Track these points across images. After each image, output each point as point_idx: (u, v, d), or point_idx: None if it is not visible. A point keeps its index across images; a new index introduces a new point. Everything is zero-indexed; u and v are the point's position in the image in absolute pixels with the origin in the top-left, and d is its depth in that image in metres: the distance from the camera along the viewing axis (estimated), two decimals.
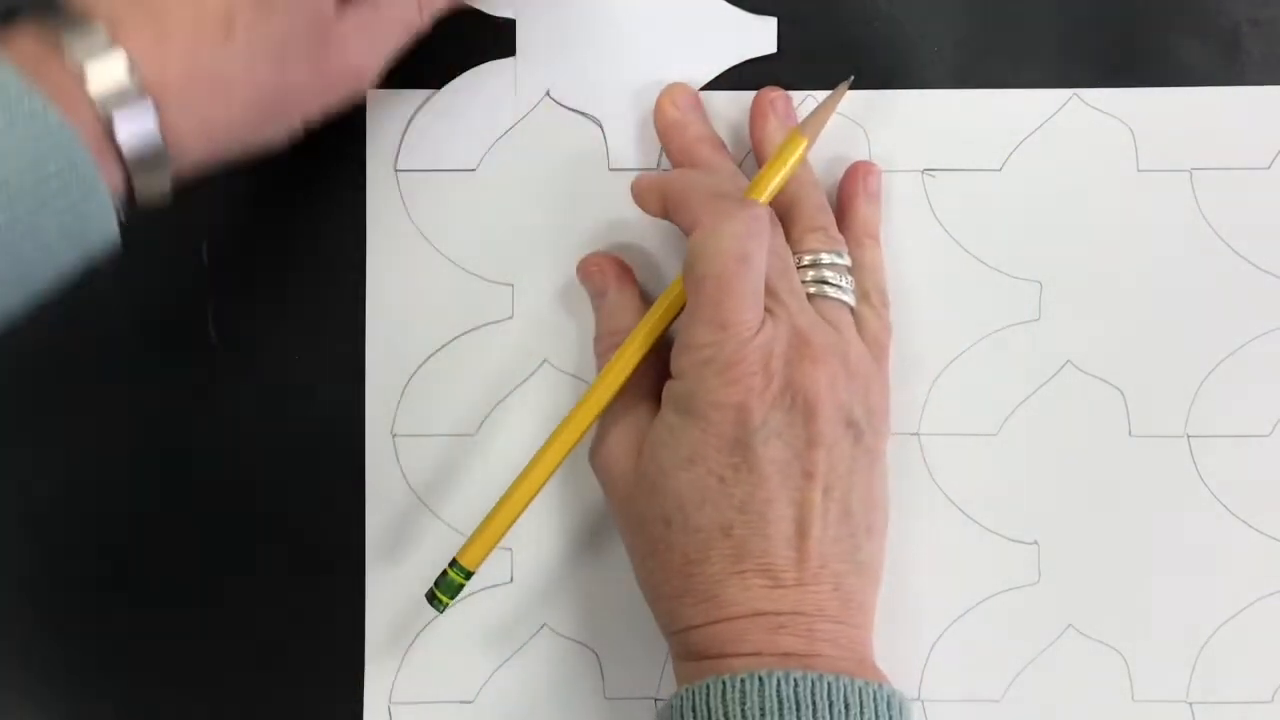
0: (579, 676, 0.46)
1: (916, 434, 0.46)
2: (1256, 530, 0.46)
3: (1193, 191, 0.46)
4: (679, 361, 0.40)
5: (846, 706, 0.38)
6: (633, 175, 0.45)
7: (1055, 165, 0.46)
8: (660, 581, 0.41)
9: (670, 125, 0.45)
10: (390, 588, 0.46)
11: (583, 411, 0.42)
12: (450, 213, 0.46)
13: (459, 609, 0.46)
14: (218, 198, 0.45)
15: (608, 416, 0.43)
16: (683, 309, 0.41)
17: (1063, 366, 0.46)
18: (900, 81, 0.46)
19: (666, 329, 0.42)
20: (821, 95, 0.46)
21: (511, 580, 0.46)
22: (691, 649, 0.40)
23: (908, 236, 0.46)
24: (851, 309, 0.43)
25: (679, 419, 0.40)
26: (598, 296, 0.45)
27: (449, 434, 0.46)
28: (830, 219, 0.44)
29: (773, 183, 0.42)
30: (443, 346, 0.46)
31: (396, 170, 0.46)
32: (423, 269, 0.46)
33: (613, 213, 0.46)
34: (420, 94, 0.46)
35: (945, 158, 0.46)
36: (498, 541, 0.42)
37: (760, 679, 0.37)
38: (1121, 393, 0.46)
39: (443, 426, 0.46)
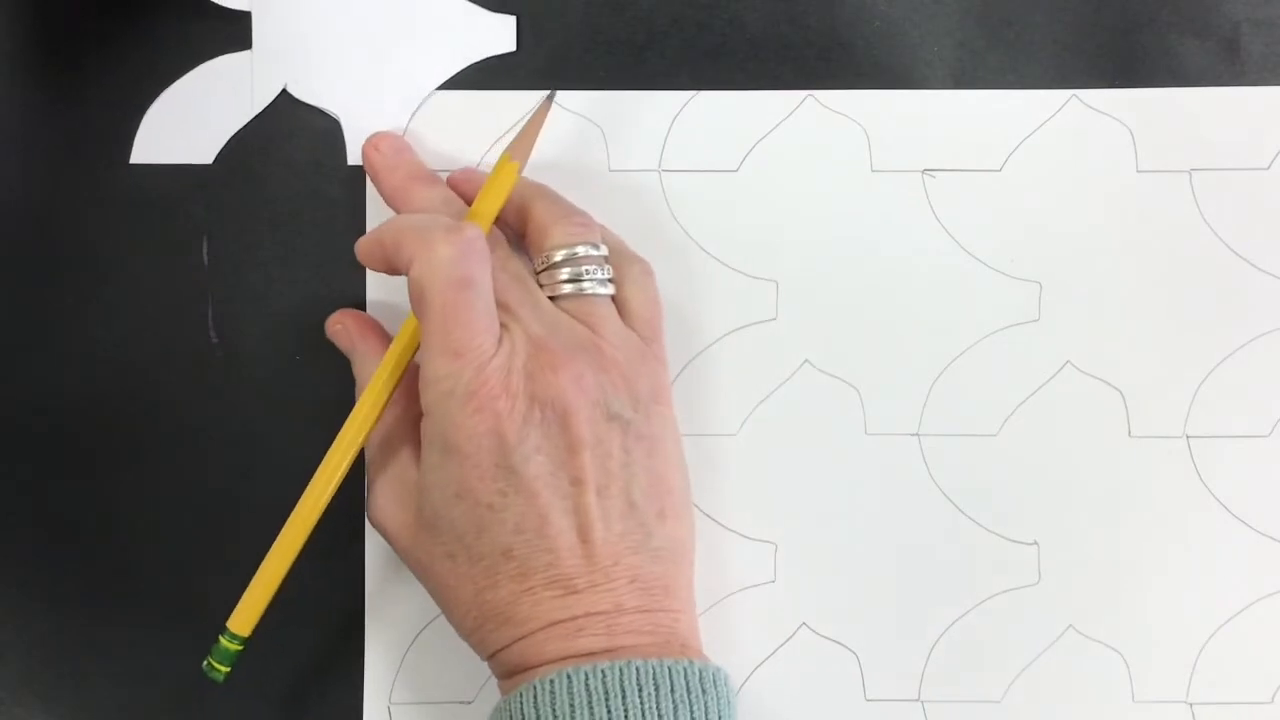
0: None
1: (916, 434, 0.46)
2: (1256, 531, 0.46)
3: (1192, 192, 0.46)
4: (425, 398, 0.40)
5: (656, 687, 0.38)
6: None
7: (1055, 166, 0.46)
8: (461, 615, 0.41)
9: (378, 171, 0.45)
10: (389, 588, 0.46)
11: (331, 463, 0.42)
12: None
13: None
14: (218, 198, 0.45)
15: (374, 471, 0.43)
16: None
17: (1062, 367, 0.46)
18: (900, 82, 0.46)
19: (407, 367, 0.42)
20: (822, 94, 0.46)
21: None
22: (503, 669, 0.40)
23: (908, 237, 0.46)
24: (612, 296, 0.43)
25: (439, 457, 0.40)
26: (349, 354, 0.45)
27: None
28: (572, 208, 0.43)
29: (489, 207, 0.42)
30: None
31: None
32: None
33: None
34: (419, 94, 0.46)
35: (945, 158, 0.46)
36: (265, 605, 0.42)
37: (568, 676, 0.38)
38: (1121, 393, 0.46)
39: None
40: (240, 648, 0.42)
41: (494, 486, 0.39)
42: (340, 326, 0.45)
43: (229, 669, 0.42)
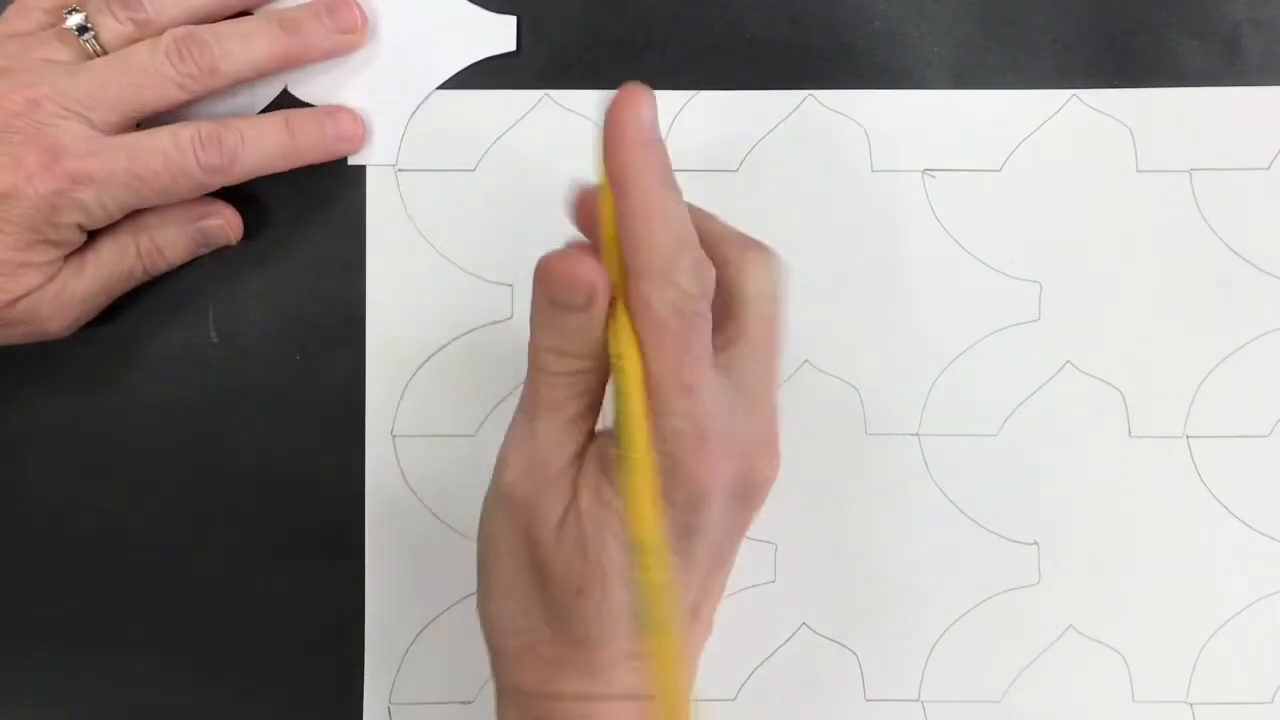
0: None
1: (917, 434, 0.46)
2: (1256, 531, 0.46)
3: (1192, 192, 0.46)
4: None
5: None
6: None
7: (1055, 166, 0.46)
8: (543, 642, 0.37)
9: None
10: (390, 588, 0.46)
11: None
12: (450, 213, 0.46)
13: (460, 610, 0.46)
14: (217, 198, 0.45)
15: (543, 442, 0.37)
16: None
17: (1062, 367, 0.46)
18: (900, 82, 0.46)
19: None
20: (822, 94, 0.46)
21: None
22: (551, 717, 0.37)
23: (908, 237, 0.46)
24: None
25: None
26: (577, 310, 0.36)
27: (449, 434, 0.46)
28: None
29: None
30: (443, 347, 0.46)
31: (396, 170, 0.46)
32: (423, 269, 0.46)
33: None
34: (419, 94, 0.46)
35: (945, 158, 0.46)
36: None
37: None
38: (1121, 393, 0.46)
39: (442, 427, 0.46)
40: None
41: (671, 544, 0.36)
42: (585, 278, 0.35)
43: None
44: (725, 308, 0.37)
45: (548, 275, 0.35)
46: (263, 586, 0.46)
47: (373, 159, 0.46)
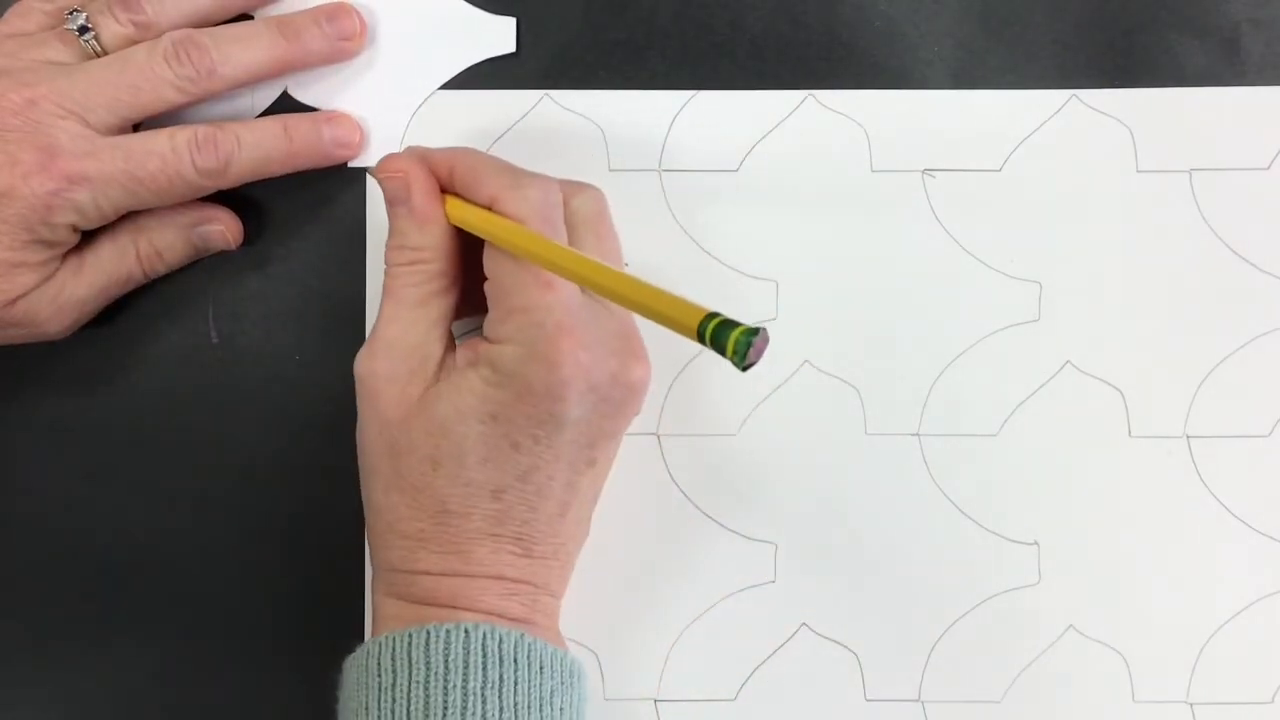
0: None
1: (917, 434, 0.46)
2: (1256, 531, 0.46)
3: (1192, 192, 0.46)
4: (506, 322, 0.40)
5: (542, 668, 0.40)
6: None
7: (1055, 166, 0.46)
8: (403, 519, 0.40)
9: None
10: None
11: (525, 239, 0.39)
12: None
13: None
14: (218, 198, 0.45)
15: (390, 327, 0.41)
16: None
17: (1062, 367, 0.46)
18: (900, 82, 0.46)
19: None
20: (822, 94, 0.46)
21: None
22: (416, 592, 0.40)
23: (908, 237, 0.46)
24: None
25: (492, 374, 0.39)
26: (397, 204, 0.42)
27: None
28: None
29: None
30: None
31: None
32: None
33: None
34: (420, 95, 0.46)
35: (945, 158, 0.46)
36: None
37: (466, 630, 0.39)
38: (1121, 393, 0.46)
39: None
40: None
41: (531, 429, 0.39)
42: (399, 173, 0.42)
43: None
44: None
45: (375, 172, 0.42)
46: (262, 586, 0.46)
47: (373, 160, 0.46)
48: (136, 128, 0.44)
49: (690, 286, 0.46)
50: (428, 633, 0.39)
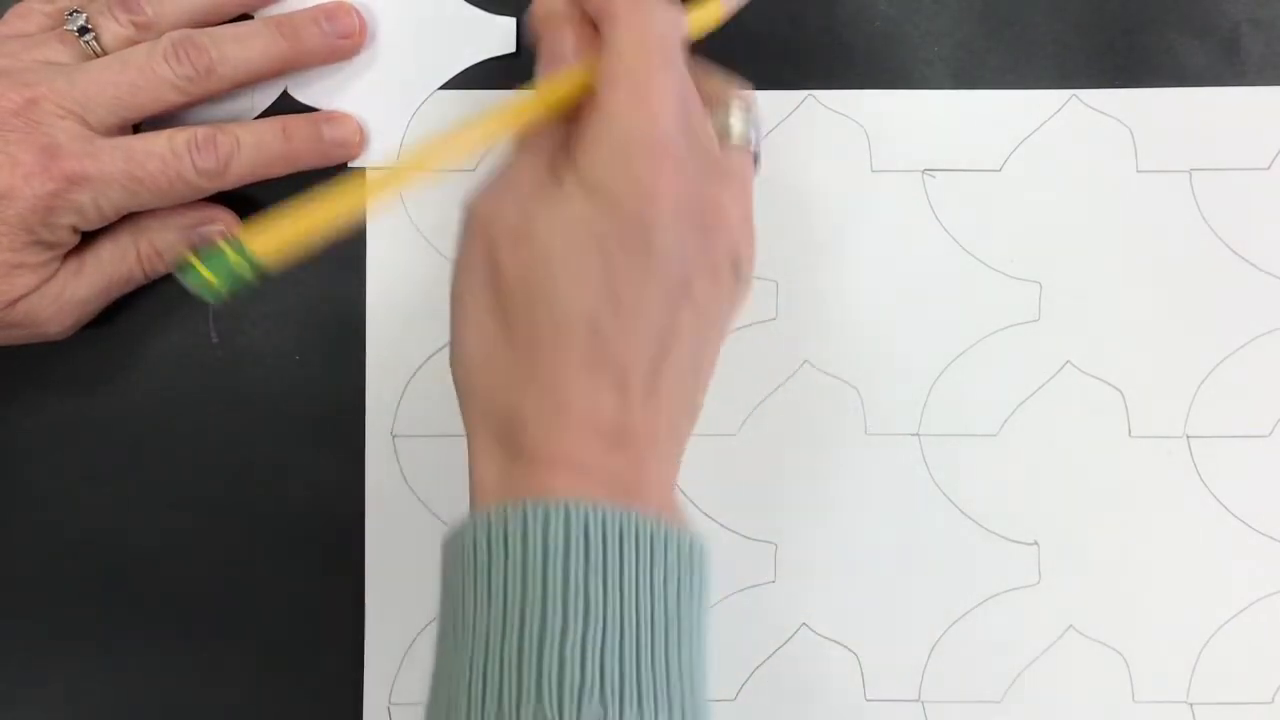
0: None
1: (917, 434, 0.46)
2: (1256, 531, 0.46)
3: (1192, 192, 0.46)
4: (598, 140, 0.37)
5: (653, 550, 0.35)
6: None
7: (1055, 166, 0.46)
8: (498, 356, 0.37)
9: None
10: (390, 589, 0.46)
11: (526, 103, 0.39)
12: (450, 213, 0.46)
13: None
14: (218, 198, 0.45)
15: (506, 168, 0.39)
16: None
17: (1062, 367, 0.46)
18: (900, 82, 0.46)
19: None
20: (822, 94, 0.46)
21: None
22: (513, 443, 0.37)
23: (908, 237, 0.46)
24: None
25: (587, 194, 0.37)
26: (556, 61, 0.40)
27: (449, 434, 0.46)
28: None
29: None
30: (443, 347, 0.46)
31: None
32: (423, 269, 0.46)
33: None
34: (420, 95, 0.46)
35: (945, 158, 0.46)
36: (298, 240, 0.36)
37: (567, 509, 0.35)
38: (1121, 393, 0.46)
39: (442, 427, 0.46)
40: (243, 275, 0.35)
41: (628, 257, 0.36)
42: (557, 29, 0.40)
43: (217, 284, 0.35)
44: None
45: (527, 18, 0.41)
46: (262, 586, 0.46)
47: (373, 160, 0.46)
48: (137, 128, 0.44)
49: None
50: (524, 512, 0.35)
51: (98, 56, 0.43)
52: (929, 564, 0.46)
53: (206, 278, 0.35)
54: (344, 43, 0.46)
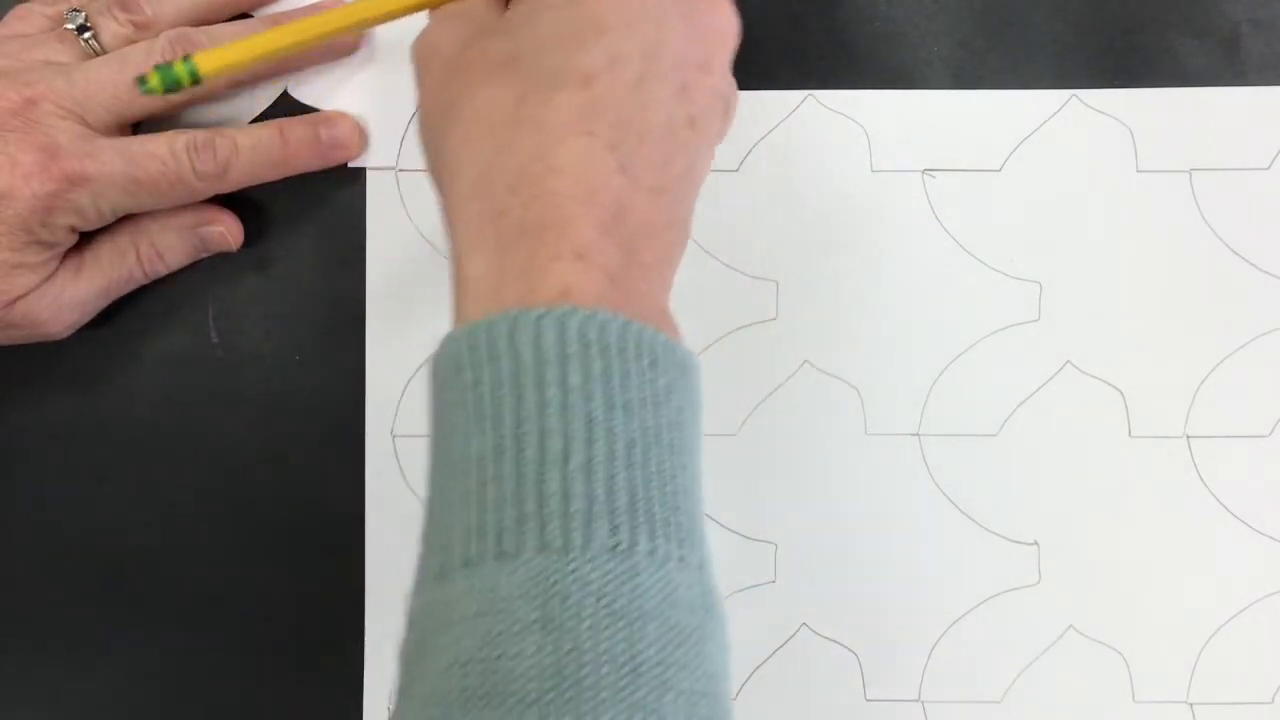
0: None
1: (917, 434, 0.46)
2: (1256, 531, 0.46)
3: (1192, 192, 0.46)
4: None
5: (655, 361, 0.32)
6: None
7: (1055, 166, 0.46)
8: (482, 116, 0.34)
9: None
10: (390, 588, 0.46)
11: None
12: None
13: None
14: (218, 199, 0.45)
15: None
16: None
17: (1062, 367, 0.46)
18: (900, 82, 0.46)
19: None
20: (822, 94, 0.46)
21: None
22: (508, 218, 0.33)
23: (908, 237, 0.46)
24: None
25: None
26: None
27: None
28: None
29: None
30: None
31: (397, 171, 0.46)
32: (423, 269, 0.46)
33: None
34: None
35: (945, 158, 0.46)
36: (243, 62, 0.37)
37: (561, 317, 0.31)
38: (1121, 393, 0.46)
39: None
40: (188, 83, 0.36)
41: (628, 29, 0.34)
42: None
43: (159, 87, 0.36)
44: None
45: None
46: (263, 586, 0.46)
47: (373, 160, 0.46)
48: (136, 128, 0.44)
49: (690, 287, 0.46)
50: (514, 319, 0.31)
51: (97, 55, 0.43)
52: (929, 564, 0.46)
53: (152, 85, 0.36)
54: (343, 41, 0.45)
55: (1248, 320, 0.46)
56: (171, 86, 0.36)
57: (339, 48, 0.46)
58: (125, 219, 0.44)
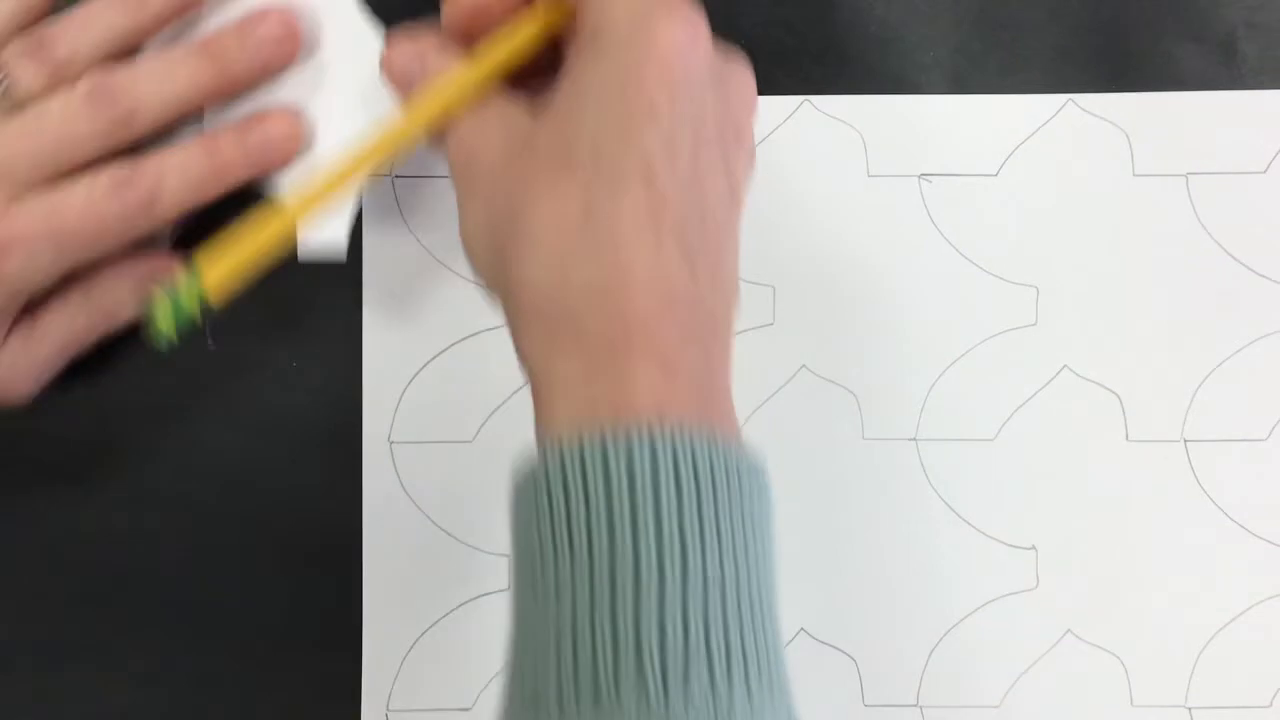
0: None
1: (914, 439, 0.46)
2: (1254, 535, 0.46)
3: (1189, 196, 0.46)
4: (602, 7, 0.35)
5: (741, 478, 0.32)
6: None
7: (1051, 170, 0.46)
8: (546, 225, 0.34)
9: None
10: (387, 596, 0.46)
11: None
12: (446, 219, 0.46)
13: (458, 616, 0.46)
14: (215, 202, 0.45)
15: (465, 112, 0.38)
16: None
17: (1060, 371, 0.46)
18: (897, 87, 0.46)
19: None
20: (818, 99, 0.46)
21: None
22: (583, 329, 0.33)
23: (904, 242, 0.46)
24: None
25: (600, 49, 0.35)
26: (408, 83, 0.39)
27: (446, 441, 0.46)
28: None
29: None
30: (440, 353, 0.46)
31: (393, 177, 0.46)
32: (420, 275, 0.46)
33: None
34: None
35: (942, 163, 0.46)
36: (247, 266, 0.37)
37: (653, 444, 0.31)
38: (1119, 397, 0.46)
39: (440, 433, 0.46)
40: (196, 308, 0.36)
41: (653, 93, 0.34)
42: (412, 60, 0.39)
43: (174, 330, 0.36)
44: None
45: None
46: (259, 593, 0.46)
47: (324, 148, 0.46)
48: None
49: None
50: (603, 441, 0.31)
51: (16, 108, 0.40)
52: (927, 568, 0.46)
53: (164, 330, 0.36)
54: (276, 50, 0.41)
55: (1245, 324, 0.46)
56: (186, 322, 0.36)
57: (272, 60, 0.42)
58: (74, 277, 0.42)
